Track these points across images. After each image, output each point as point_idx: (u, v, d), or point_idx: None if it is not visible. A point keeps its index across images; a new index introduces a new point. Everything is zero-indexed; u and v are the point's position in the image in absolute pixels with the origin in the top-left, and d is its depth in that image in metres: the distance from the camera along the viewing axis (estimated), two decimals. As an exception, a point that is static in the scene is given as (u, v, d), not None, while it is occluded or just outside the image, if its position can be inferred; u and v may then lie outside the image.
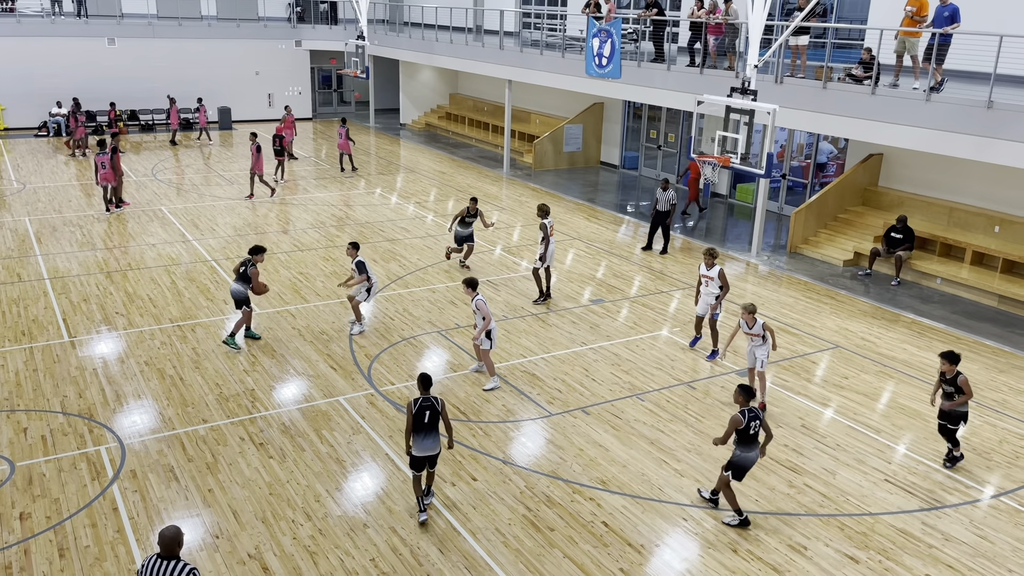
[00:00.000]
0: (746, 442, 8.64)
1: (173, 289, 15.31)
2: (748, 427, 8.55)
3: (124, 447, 10.01)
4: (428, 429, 8.46)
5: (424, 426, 8.43)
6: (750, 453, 8.70)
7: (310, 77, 36.05)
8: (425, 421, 8.43)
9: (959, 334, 14.13)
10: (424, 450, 8.53)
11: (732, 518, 8.85)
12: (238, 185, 23.70)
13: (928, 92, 14.49)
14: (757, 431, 8.63)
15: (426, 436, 8.47)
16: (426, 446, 8.51)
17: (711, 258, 12.78)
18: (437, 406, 8.48)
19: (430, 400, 8.48)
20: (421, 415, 8.41)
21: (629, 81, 20.60)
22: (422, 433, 8.46)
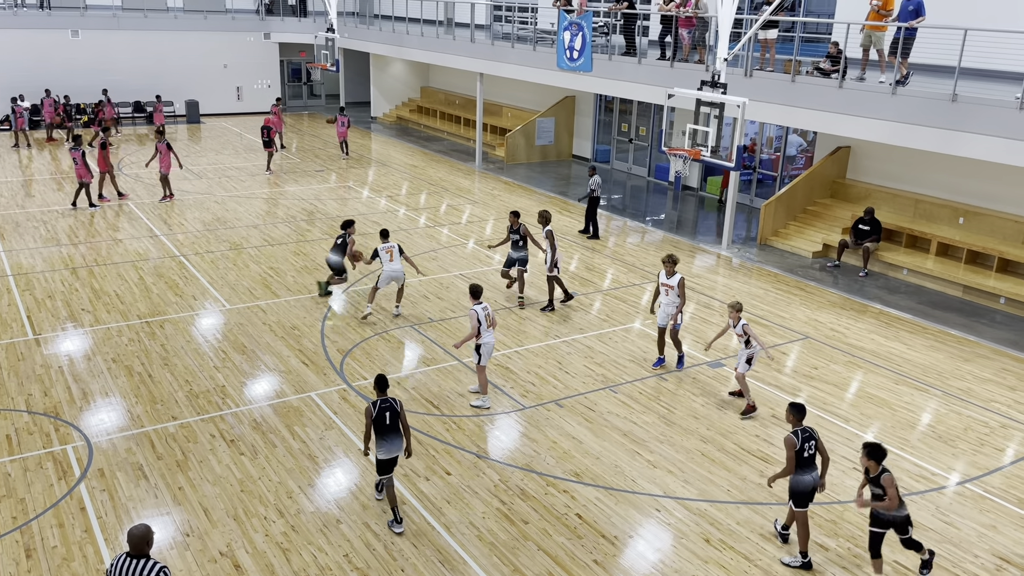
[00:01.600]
0: (801, 465, 8.00)
1: (141, 285, 15.09)
2: (803, 449, 7.95)
3: (91, 446, 9.86)
4: (390, 431, 8.32)
5: (386, 428, 8.28)
6: (805, 476, 8.02)
7: (279, 70, 35.68)
8: (387, 423, 8.27)
9: (925, 324, 14.36)
10: (392, 452, 8.38)
11: (794, 559, 8.20)
12: (207, 179, 23.41)
13: (894, 86, 14.67)
14: (813, 453, 8.03)
15: (390, 437, 8.34)
16: (393, 447, 8.38)
17: (672, 265, 11.88)
18: (396, 407, 8.33)
19: (388, 401, 8.30)
20: (382, 417, 8.25)
21: (600, 75, 20.63)
22: (386, 436, 8.31)
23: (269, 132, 24.53)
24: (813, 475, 8.08)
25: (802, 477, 8.04)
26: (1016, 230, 15.91)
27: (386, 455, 8.37)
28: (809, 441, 8.03)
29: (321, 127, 33.25)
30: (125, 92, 31.92)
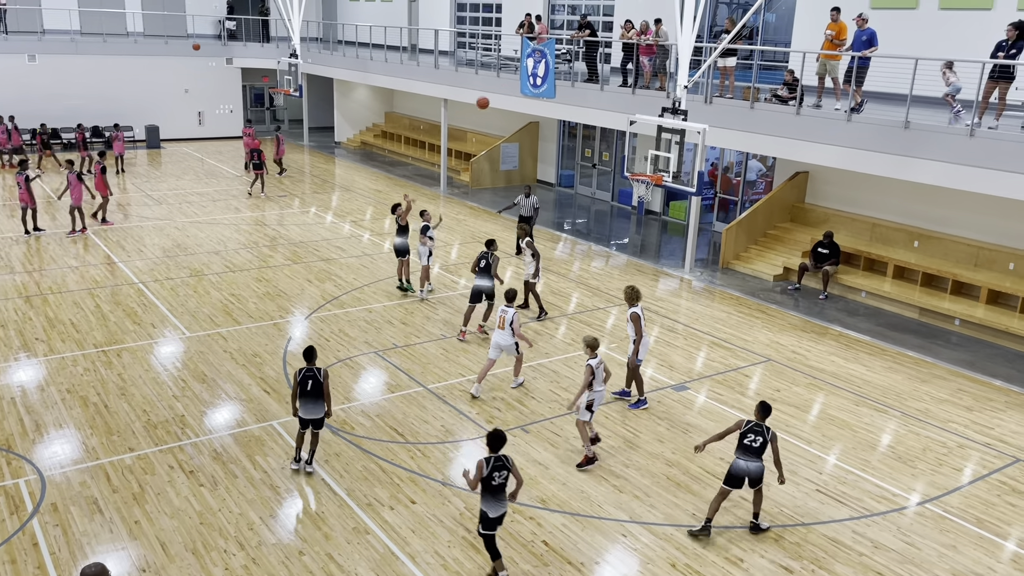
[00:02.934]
0: (739, 449, 8.88)
1: (98, 313, 14.79)
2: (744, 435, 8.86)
3: (44, 479, 9.59)
4: (311, 396, 9.57)
5: (308, 393, 9.55)
6: (740, 461, 8.84)
7: (242, 95, 35.47)
8: (308, 389, 9.54)
9: (883, 345, 14.61)
10: (308, 413, 9.65)
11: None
12: (167, 205, 23.11)
13: (848, 113, 15.02)
14: (757, 446, 8.78)
15: (310, 402, 9.59)
16: (309, 410, 9.63)
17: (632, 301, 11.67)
18: (319, 376, 9.56)
19: (312, 371, 9.55)
20: (304, 383, 9.54)
21: (563, 101, 20.84)
22: (307, 399, 9.58)
23: (259, 155, 25.05)
24: (748, 463, 8.81)
25: (738, 461, 8.89)
26: (968, 253, 16.31)
27: (304, 415, 9.65)
28: (755, 433, 8.84)
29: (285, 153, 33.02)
30: (84, 117, 31.44)
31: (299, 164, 30.67)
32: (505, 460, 7.93)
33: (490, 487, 7.87)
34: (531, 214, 19.15)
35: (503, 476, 7.88)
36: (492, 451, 7.94)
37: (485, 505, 7.95)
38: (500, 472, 7.86)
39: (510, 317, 11.86)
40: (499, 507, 7.96)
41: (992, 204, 15.43)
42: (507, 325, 11.87)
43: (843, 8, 16.01)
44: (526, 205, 19.06)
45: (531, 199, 19.08)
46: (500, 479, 7.87)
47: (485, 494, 7.91)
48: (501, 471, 7.87)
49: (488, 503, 7.93)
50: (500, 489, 7.91)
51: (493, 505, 7.94)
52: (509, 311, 11.92)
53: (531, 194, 19.18)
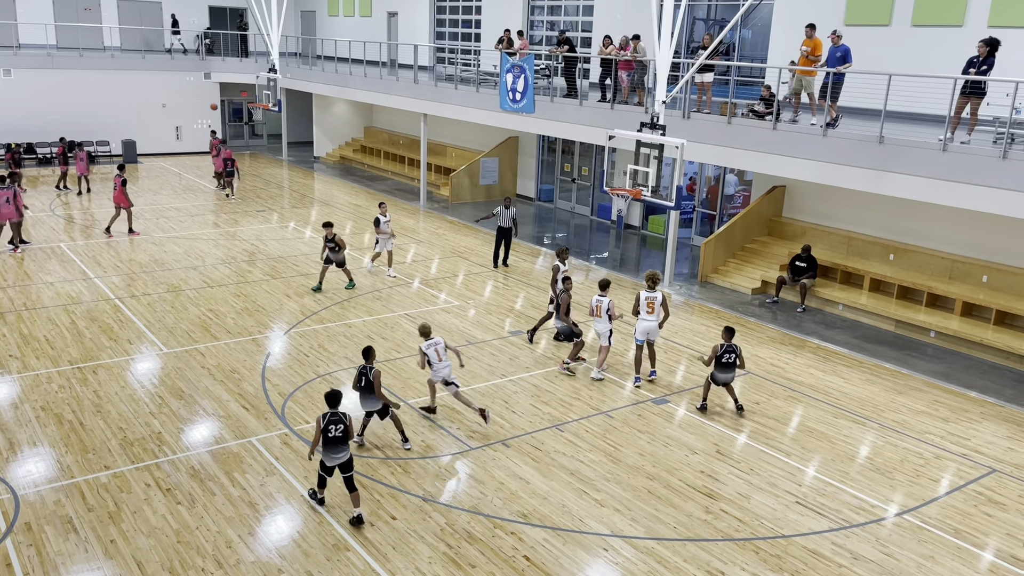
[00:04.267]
0: (720, 367, 11.80)
1: (73, 329, 14.62)
2: (723, 355, 11.55)
3: (18, 499, 9.42)
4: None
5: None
6: (718, 375, 11.86)
7: (221, 109, 35.32)
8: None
9: (861, 358, 14.74)
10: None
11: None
12: (144, 220, 22.93)
13: (824, 128, 15.22)
14: (728, 361, 11.72)
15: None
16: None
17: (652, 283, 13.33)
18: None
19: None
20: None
21: (543, 116, 20.95)
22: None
23: (234, 163, 26.65)
24: (726, 375, 11.96)
25: (716, 375, 12.06)
26: (943, 266, 16.53)
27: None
28: (729, 352, 11.72)
29: (263, 167, 32.95)
30: (60, 132, 31.18)
31: (278, 179, 30.56)
32: (342, 416, 9.07)
33: (327, 439, 9.03)
34: (510, 225, 19.22)
35: (339, 429, 9.03)
36: (330, 407, 9.09)
37: (324, 456, 9.15)
38: (336, 426, 9.03)
39: (606, 305, 13.03)
40: (335, 457, 9.12)
41: (966, 218, 15.67)
42: (603, 313, 13.07)
43: (818, 25, 16.25)
44: (505, 216, 19.10)
45: (510, 210, 19.13)
46: (336, 432, 9.03)
47: (324, 445, 9.07)
48: (337, 425, 9.03)
49: (326, 453, 9.12)
50: (336, 441, 9.06)
51: (330, 455, 9.12)
52: (604, 299, 13.06)
53: (510, 205, 19.23)
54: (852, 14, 18.29)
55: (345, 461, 9.14)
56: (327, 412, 9.09)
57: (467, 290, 17.84)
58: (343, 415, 9.10)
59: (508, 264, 19.73)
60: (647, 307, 13.05)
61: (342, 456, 9.12)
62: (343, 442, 9.07)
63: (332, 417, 9.02)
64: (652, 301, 13.04)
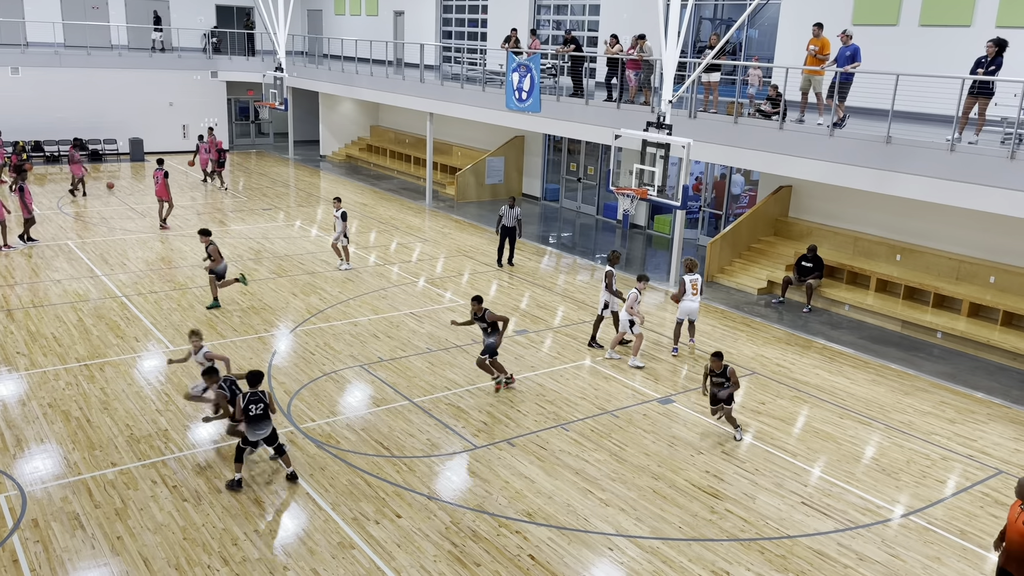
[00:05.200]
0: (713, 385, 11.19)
1: (80, 327, 14.66)
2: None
3: (25, 495, 9.47)
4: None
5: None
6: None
7: (227, 108, 35.40)
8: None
9: (867, 358, 14.71)
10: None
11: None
12: (150, 218, 22.99)
13: (831, 128, 15.18)
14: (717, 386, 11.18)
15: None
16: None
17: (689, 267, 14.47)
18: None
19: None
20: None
21: (549, 115, 20.94)
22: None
23: (224, 153, 27.76)
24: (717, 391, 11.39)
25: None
26: (949, 267, 16.47)
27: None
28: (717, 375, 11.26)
29: (269, 165, 33.01)
30: (68, 130, 31.29)
31: (284, 177, 30.61)
32: (261, 395, 9.60)
33: (249, 417, 9.56)
34: (514, 225, 19.23)
35: (259, 408, 9.55)
36: (251, 387, 9.61)
37: (247, 431, 9.62)
38: (256, 404, 9.54)
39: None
40: (257, 433, 9.65)
41: (973, 218, 15.62)
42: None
43: (825, 24, 16.21)
44: (509, 216, 19.12)
45: (515, 210, 19.15)
46: (257, 410, 9.55)
47: (249, 423, 9.58)
48: (257, 404, 9.54)
49: (249, 429, 9.62)
50: (258, 418, 9.59)
51: (252, 431, 9.65)
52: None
53: (515, 205, 19.24)
54: (860, 14, 18.24)
55: (268, 435, 9.75)
56: (247, 392, 9.61)
57: (472, 289, 17.83)
58: (262, 393, 9.66)
59: (513, 263, 19.73)
60: (692, 289, 14.19)
61: (264, 431, 9.69)
62: (265, 418, 9.66)
63: (252, 397, 9.56)
64: (696, 283, 14.25)
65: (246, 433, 9.67)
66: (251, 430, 9.66)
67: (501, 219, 19.30)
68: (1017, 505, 7.40)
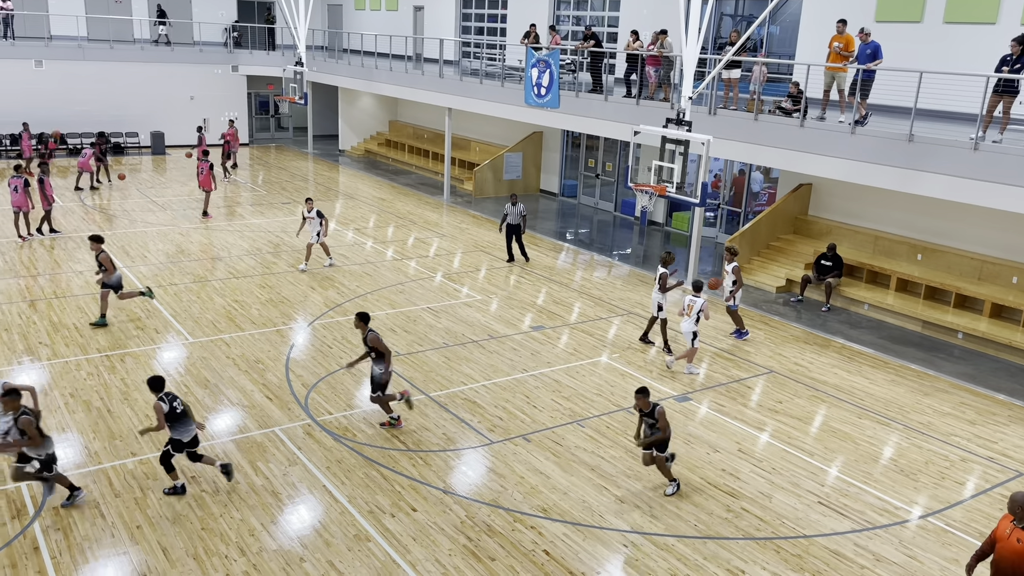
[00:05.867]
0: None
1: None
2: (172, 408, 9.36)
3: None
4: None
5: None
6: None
7: (247, 102, 35.60)
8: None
9: (886, 358, 14.59)
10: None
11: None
12: (171, 211, 23.18)
13: (853, 125, 15.05)
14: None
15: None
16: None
17: (730, 255, 15.04)
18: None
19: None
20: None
21: (567, 111, 20.90)
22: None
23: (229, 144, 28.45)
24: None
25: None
26: (972, 266, 16.30)
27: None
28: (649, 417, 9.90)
29: (288, 160, 33.16)
30: (91, 124, 31.57)
31: (303, 172, 30.76)
32: (174, 394, 9.40)
33: (175, 416, 9.28)
34: (518, 222, 19.22)
35: (181, 404, 9.35)
36: (157, 392, 9.33)
37: (176, 434, 9.35)
38: (175, 401, 9.32)
39: (699, 305, 13.28)
40: (188, 432, 9.42)
41: (996, 218, 15.44)
42: (695, 313, 13.32)
43: (848, 20, 16.06)
44: (513, 213, 19.11)
45: (517, 207, 19.13)
46: (180, 407, 9.34)
47: (174, 425, 9.29)
48: (175, 400, 9.34)
49: (178, 431, 9.34)
50: (184, 415, 9.36)
51: (183, 431, 9.38)
52: (699, 300, 13.30)
53: (517, 202, 19.22)
54: (883, 10, 18.07)
55: (193, 436, 9.52)
56: (162, 394, 9.33)
57: (489, 284, 17.86)
58: (173, 393, 9.46)
59: (528, 258, 19.72)
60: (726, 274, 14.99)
61: (191, 431, 9.47)
62: (188, 414, 9.46)
63: (168, 396, 9.35)
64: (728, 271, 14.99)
65: (175, 436, 9.34)
66: (180, 430, 9.34)
67: (506, 217, 19.24)
68: (1008, 520, 7.29)
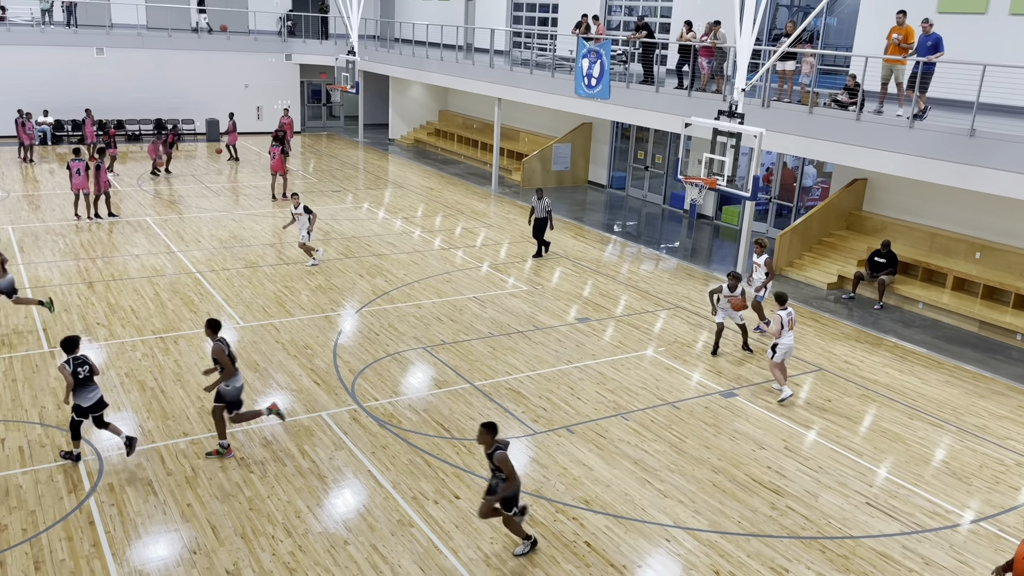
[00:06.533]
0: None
1: (156, 301, 15.20)
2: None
3: (102, 460, 9.89)
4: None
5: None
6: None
7: (299, 91, 36.06)
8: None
9: (940, 359, 14.24)
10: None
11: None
12: (224, 197, 23.63)
13: (911, 119, 14.68)
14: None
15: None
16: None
17: (760, 248, 14.75)
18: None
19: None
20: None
21: (618, 102, 20.76)
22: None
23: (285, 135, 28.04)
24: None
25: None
26: (1034, 266, 15.81)
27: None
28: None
29: (339, 148, 33.54)
30: (148, 110, 32.32)
31: (353, 160, 31.09)
32: (84, 358, 9.57)
33: (79, 381, 9.43)
34: (544, 215, 18.91)
35: (86, 370, 9.52)
36: (70, 353, 9.50)
37: (78, 399, 9.48)
38: (82, 367, 9.50)
39: (786, 317, 12.13)
40: (89, 398, 9.54)
41: (1060, 216, 14.93)
42: (789, 323, 12.24)
43: (908, 12, 15.64)
44: (539, 207, 18.86)
45: (543, 201, 18.86)
46: (84, 372, 9.51)
47: (77, 389, 9.44)
48: (83, 365, 9.50)
49: (79, 396, 9.48)
50: (87, 381, 9.53)
51: (84, 396, 9.51)
52: (786, 312, 12.19)
53: (543, 196, 18.94)
54: (945, 2, 17.55)
55: (97, 402, 9.63)
56: (69, 358, 9.47)
57: (535, 275, 17.87)
58: (84, 357, 9.60)
59: (542, 254, 19.21)
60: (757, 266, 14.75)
61: (94, 396, 9.60)
62: (92, 381, 9.60)
63: (76, 360, 9.49)
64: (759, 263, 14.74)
65: (77, 401, 9.46)
66: (83, 395, 9.45)
67: (533, 211, 19.06)
68: None
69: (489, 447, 8.13)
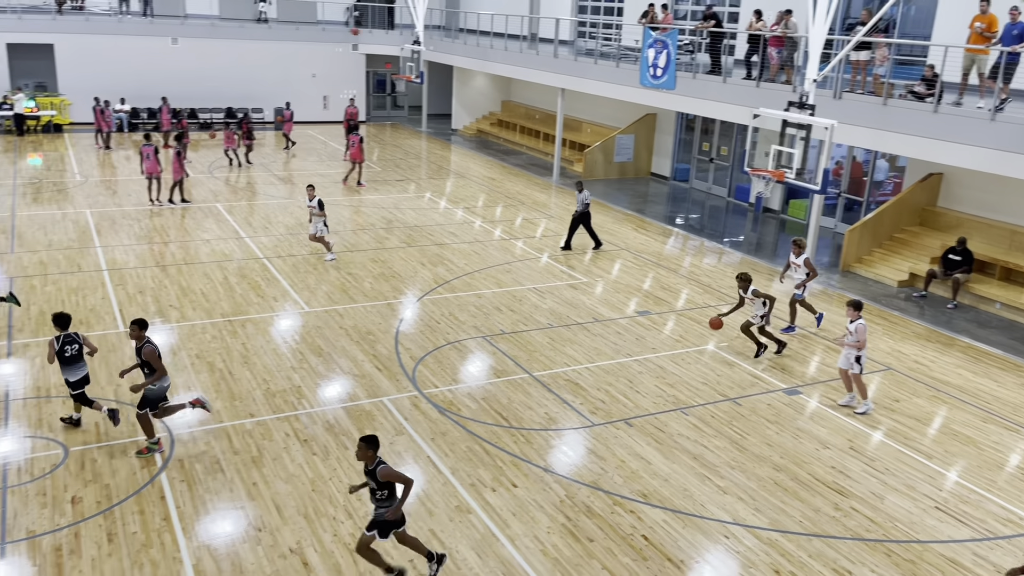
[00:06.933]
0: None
1: (225, 285, 15.60)
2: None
3: (173, 437, 10.22)
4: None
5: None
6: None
7: (365, 81, 36.50)
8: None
9: (1017, 361, 13.71)
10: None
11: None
12: (291, 185, 24.10)
13: (993, 111, 14.12)
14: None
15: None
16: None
17: (798, 248, 14.42)
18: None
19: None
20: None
21: (683, 92, 20.46)
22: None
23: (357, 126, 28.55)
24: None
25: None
26: (1121, 267, 15.07)
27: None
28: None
29: (402, 138, 33.87)
30: (220, 99, 33.11)
31: (416, 150, 31.35)
32: (75, 336, 9.81)
33: (64, 359, 9.72)
34: (582, 209, 18.58)
35: (74, 348, 9.77)
36: (61, 330, 9.74)
37: (66, 374, 9.82)
38: (71, 345, 9.74)
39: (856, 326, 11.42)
40: (76, 372, 9.83)
41: None
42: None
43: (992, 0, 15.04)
44: (579, 200, 18.57)
45: (583, 194, 18.57)
46: (72, 351, 9.75)
47: (63, 365, 9.75)
48: (72, 344, 9.75)
49: (67, 371, 9.81)
50: (73, 359, 9.79)
51: (71, 371, 9.83)
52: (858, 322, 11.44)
53: (583, 189, 18.68)
54: (1032, -12, 16.80)
55: (82, 378, 9.89)
56: (59, 335, 9.73)
57: (595, 267, 17.79)
58: (75, 334, 9.86)
59: (567, 247, 18.83)
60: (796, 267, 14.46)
61: (81, 372, 9.87)
62: (80, 359, 9.87)
63: (66, 338, 9.73)
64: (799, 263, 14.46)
65: (67, 376, 9.85)
66: (71, 371, 9.82)
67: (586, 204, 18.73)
68: None
69: (371, 463, 7.38)
